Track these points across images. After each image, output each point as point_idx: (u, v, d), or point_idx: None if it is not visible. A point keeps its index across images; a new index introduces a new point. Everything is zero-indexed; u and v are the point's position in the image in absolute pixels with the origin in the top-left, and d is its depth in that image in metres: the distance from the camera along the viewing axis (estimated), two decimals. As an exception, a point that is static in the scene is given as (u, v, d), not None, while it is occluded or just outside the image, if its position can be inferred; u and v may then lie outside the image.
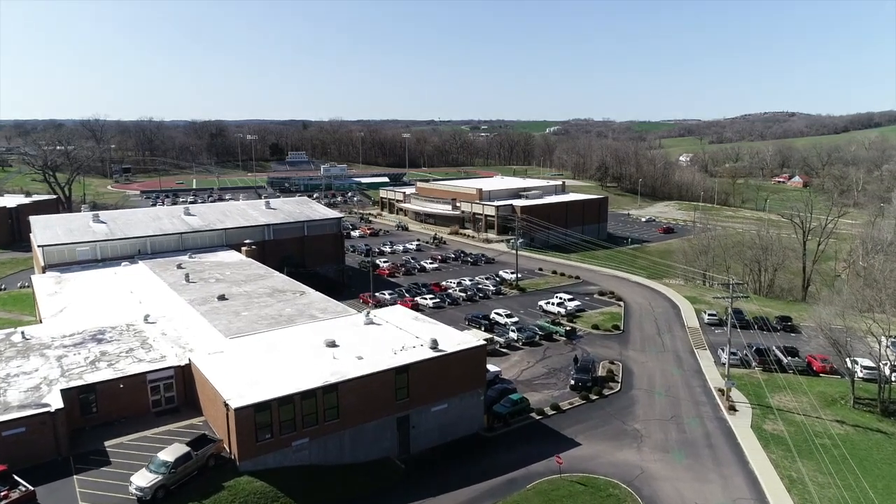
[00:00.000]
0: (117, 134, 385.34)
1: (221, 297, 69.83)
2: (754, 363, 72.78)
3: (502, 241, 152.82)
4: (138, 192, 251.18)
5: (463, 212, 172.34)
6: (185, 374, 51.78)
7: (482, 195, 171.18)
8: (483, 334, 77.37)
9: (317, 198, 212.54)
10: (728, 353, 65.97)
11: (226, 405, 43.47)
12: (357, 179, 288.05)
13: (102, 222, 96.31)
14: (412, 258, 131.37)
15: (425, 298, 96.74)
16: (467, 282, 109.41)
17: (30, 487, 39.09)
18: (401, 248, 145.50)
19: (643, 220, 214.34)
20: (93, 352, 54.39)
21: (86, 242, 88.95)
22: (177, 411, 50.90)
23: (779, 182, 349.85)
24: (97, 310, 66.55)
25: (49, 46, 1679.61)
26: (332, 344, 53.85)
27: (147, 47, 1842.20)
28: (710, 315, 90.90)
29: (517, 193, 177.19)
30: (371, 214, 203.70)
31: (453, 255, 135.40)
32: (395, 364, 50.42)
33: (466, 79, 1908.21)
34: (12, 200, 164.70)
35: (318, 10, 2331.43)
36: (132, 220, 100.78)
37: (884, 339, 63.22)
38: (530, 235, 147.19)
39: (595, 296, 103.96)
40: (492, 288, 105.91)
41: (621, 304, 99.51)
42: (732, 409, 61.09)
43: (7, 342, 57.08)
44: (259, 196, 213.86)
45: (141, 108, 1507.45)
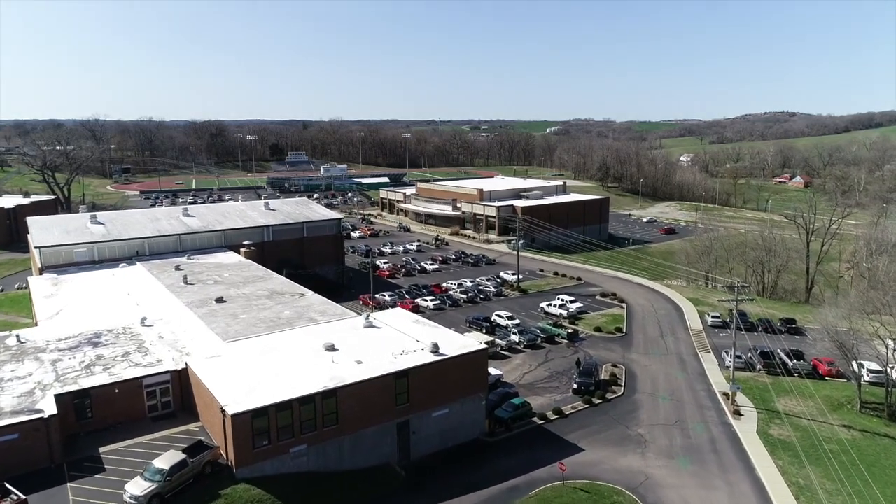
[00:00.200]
0: (117, 134, 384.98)
1: (220, 300, 69.07)
2: (759, 366, 71.92)
3: (503, 242, 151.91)
4: (138, 193, 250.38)
5: (463, 212, 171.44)
6: (181, 379, 50.94)
7: (483, 195, 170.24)
8: (484, 336, 76.41)
9: (316, 198, 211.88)
10: (733, 357, 65.11)
11: (222, 411, 42.63)
12: (357, 180, 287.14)
13: (100, 223, 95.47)
14: (412, 259, 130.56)
15: (426, 300, 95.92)
16: (468, 283, 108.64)
17: (22, 496, 38.21)
18: (401, 248, 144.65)
19: (644, 220, 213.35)
20: (88, 356, 53.57)
21: (83, 244, 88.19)
22: (173, 417, 50.07)
23: (780, 182, 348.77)
24: (94, 312, 65.75)
25: (49, 46, 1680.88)
26: (331, 348, 53.02)
27: (147, 47, 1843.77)
28: (713, 317, 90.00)
29: (518, 194, 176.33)
30: (372, 215, 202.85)
31: (454, 257, 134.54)
32: (396, 368, 49.57)
33: (467, 79, 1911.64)
34: (10, 201, 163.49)
35: (318, 9, 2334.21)
36: (130, 221, 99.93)
37: (890, 343, 62.33)
38: (531, 236, 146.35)
39: (597, 297, 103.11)
40: (493, 289, 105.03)
41: (623, 305, 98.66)
42: (737, 413, 60.19)
43: (1, 345, 56.30)
44: (259, 196, 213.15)
45: (141, 108, 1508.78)
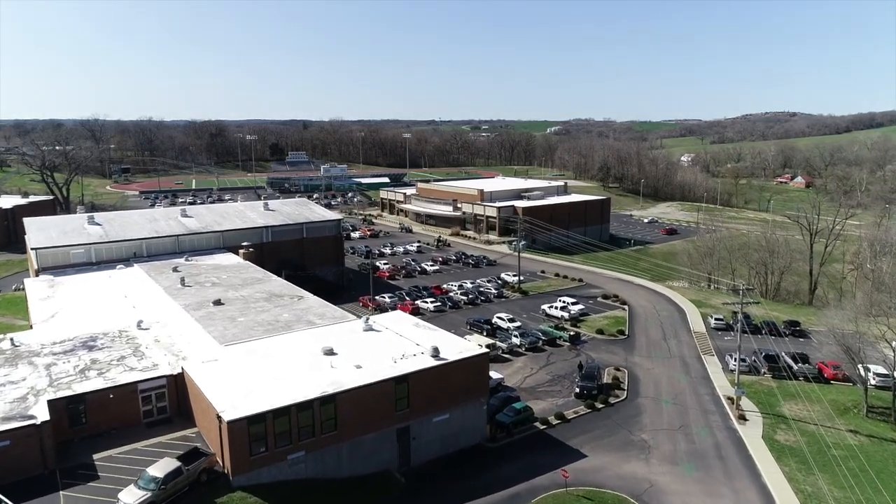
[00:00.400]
0: (117, 134, 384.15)
1: (217, 302, 68.19)
2: (763, 370, 71.02)
3: (504, 243, 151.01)
4: (137, 193, 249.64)
5: (464, 213, 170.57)
6: (177, 384, 50.05)
7: (483, 196, 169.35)
8: (485, 339, 75.75)
9: (316, 198, 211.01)
10: (738, 360, 64.15)
11: (218, 417, 41.77)
12: (357, 180, 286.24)
13: (98, 224, 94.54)
14: (413, 260, 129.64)
15: (426, 302, 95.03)
16: (468, 285, 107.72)
17: (12, 505, 37.46)
18: (401, 249, 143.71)
19: (646, 221, 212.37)
20: (83, 360, 52.70)
21: (80, 245, 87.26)
22: (169, 422, 49.20)
23: (781, 182, 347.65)
24: (90, 315, 64.86)
25: (49, 46, 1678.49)
26: (329, 352, 52.15)
27: (147, 47, 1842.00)
28: (716, 319, 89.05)
29: (519, 194, 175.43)
30: (372, 216, 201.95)
31: (454, 258, 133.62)
32: (395, 373, 48.69)
33: (467, 79, 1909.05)
34: (9, 201, 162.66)
35: (318, 9, 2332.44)
36: (128, 221, 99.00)
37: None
38: (532, 237, 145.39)
39: (599, 299, 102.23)
40: (493, 291, 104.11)
41: (625, 307, 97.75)
42: (742, 418, 59.28)
43: (-5, 349, 55.40)
44: (259, 196, 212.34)
45: (140, 108, 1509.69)
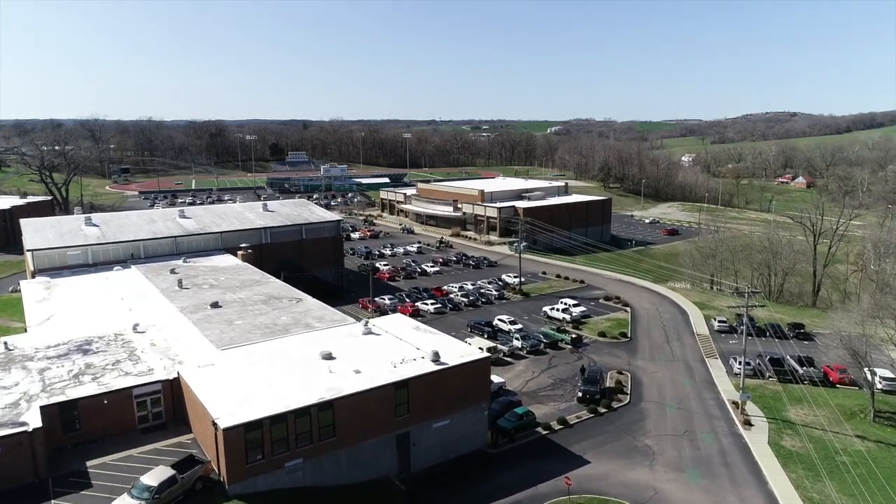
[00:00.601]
0: (116, 134, 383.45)
1: (214, 305, 67.28)
2: (768, 373, 70.10)
3: (504, 244, 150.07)
4: (136, 193, 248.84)
5: (464, 213, 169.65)
6: (173, 389, 49.11)
7: (484, 196, 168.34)
8: (486, 342, 74.81)
9: (316, 199, 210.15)
10: (743, 364, 63.21)
11: (214, 424, 40.84)
12: (357, 180, 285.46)
13: (95, 225, 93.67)
14: (413, 261, 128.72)
15: (426, 303, 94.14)
16: (469, 286, 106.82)
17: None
18: (401, 250, 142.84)
19: (647, 221, 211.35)
20: (77, 364, 51.78)
21: (77, 246, 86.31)
22: (164, 428, 48.25)
23: (782, 183, 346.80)
24: (85, 318, 63.94)
25: (49, 46, 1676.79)
26: (328, 356, 51.22)
27: (147, 47, 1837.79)
28: (720, 322, 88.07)
29: (519, 194, 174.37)
30: (373, 216, 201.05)
31: (455, 259, 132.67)
32: (395, 378, 47.79)
33: (467, 79, 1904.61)
34: (6, 201, 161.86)
35: (318, 9, 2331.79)
36: (125, 223, 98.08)
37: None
38: (533, 238, 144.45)
39: (600, 301, 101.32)
40: (494, 292, 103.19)
41: (628, 309, 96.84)
42: (748, 423, 58.36)
43: (-12, 353, 54.48)
44: (258, 197, 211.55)
45: (140, 108, 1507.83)
